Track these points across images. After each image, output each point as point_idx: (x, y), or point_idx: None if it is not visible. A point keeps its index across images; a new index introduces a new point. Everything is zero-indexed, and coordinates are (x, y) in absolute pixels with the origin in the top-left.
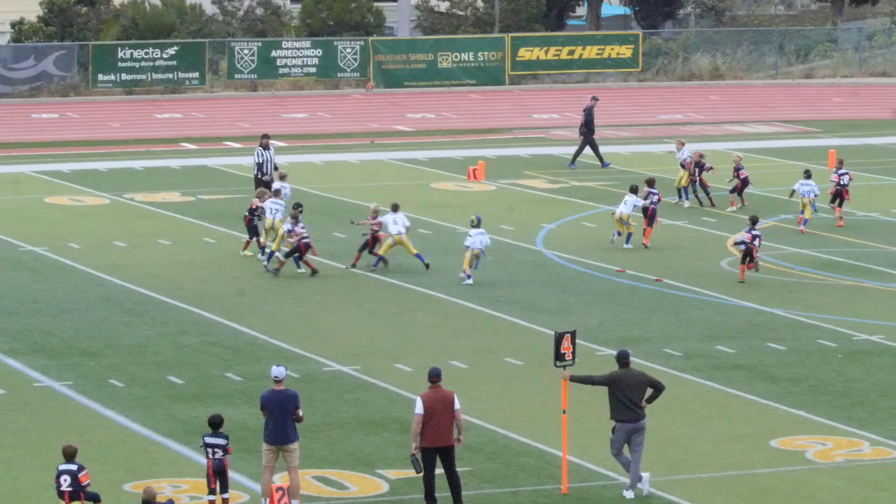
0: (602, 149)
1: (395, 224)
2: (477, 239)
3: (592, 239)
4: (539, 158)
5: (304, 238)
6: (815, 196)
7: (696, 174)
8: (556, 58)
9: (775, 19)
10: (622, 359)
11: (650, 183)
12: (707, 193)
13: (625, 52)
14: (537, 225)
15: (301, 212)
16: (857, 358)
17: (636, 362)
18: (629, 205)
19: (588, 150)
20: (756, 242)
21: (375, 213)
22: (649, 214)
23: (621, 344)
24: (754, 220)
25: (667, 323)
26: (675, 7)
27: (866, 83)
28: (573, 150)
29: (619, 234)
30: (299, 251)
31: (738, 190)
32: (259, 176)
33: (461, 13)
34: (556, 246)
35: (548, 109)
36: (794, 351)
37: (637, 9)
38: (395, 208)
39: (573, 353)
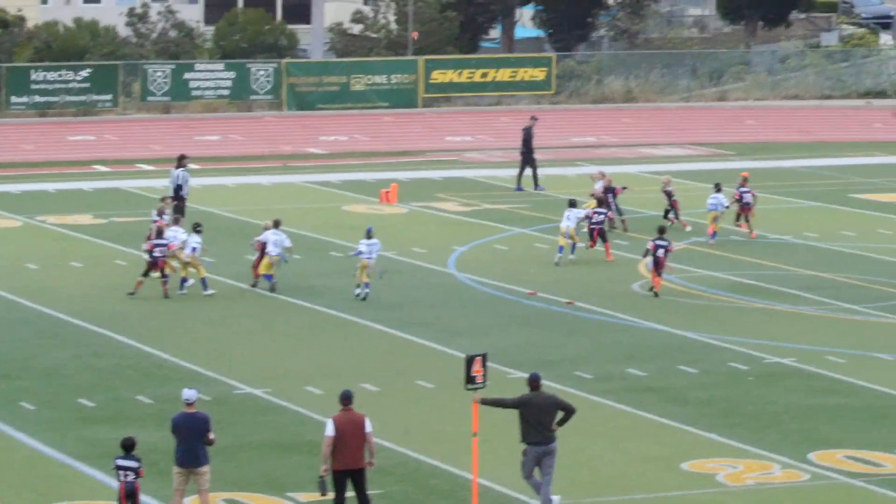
0: (515, 171)
1: (274, 245)
2: (368, 250)
3: (505, 261)
4: (451, 181)
5: (164, 252)
6: (725, 208)
7: (611, 199)
8: (470, 80)
9: (688, 42)
10: (533, 382)
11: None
12: (621, 215)
13: (538, 74)
14: (449, 247)
15: (200, 231)
16: (768, 380)
17: (548, 385)
18: (571, 219)
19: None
20: (660, 252)
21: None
22: (596, 236)
23: (533, 367)
24: (662, 230)
25: (579, 346)
26: (588, 30)
27: (779, 106)
28: (487, 172)
29: (563, 249)
30: (157, 266)
31: (674, 210)
32: (176, 196)
33: (374, 35)
34: (468, 268)
35: (460, 132)
36: (705, 373)
37: (551, 31)
38: (276, 225)
39: (484, 375)
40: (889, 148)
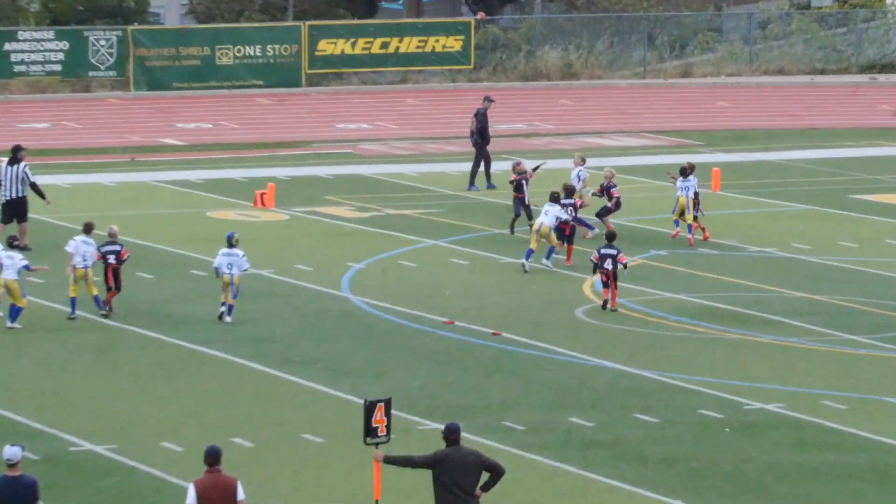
0: (425, 167)
1: (83, 259)
2: (226, 261)
3: (413, 282)
4: (344, 180)
5: None
6: (696, 196)
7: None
8: (367, 52)
9: (643, 3)
10: (451, 434)
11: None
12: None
13: (453, 44)
14: (342, 264)
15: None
16: (748, 432)
17: (468, 439)
18: (551, 216)
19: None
20: (608, 264)
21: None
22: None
23: (450, 415)
24: (610, 237)
25: (507, 388)
26: None
27: (758, 83)
28: (389, 168)
29: (531, 253)
30: None
31: (611, 211)
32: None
33: None
34: (366, 291)
35: (355, 117)
36: (668, 423)
37: None
38: (87, 229)
39: (388, 427)
40: None
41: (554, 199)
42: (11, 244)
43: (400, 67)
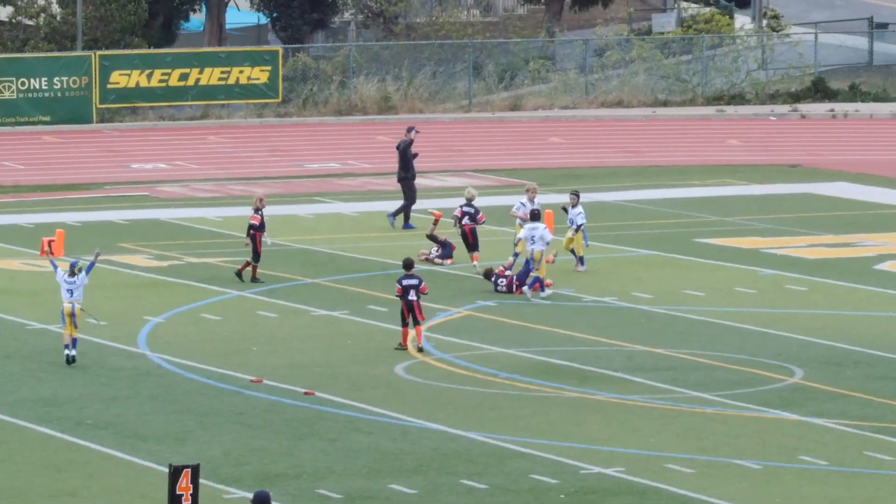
0: (230, 210)
1: None
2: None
3: (216, 337)
4: (140, 225)
5: None
6: (546, 245)
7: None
8: (164, 84)
9: (468, 30)
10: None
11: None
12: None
13: (259, 75)
14: (139, 318)
15: None
16: (585, 499)
17: None
18: (537, 242)
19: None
20: (412, 296)
21: None
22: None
23: (259, 483)
24: (408, 265)
25: (322, 452)
26: (327, 13)
27: (595, 116)
28: (190, 212)
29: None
30: None
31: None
32: None
33: (30, 23)
34: (165, 347)
35: (152, 157)
36: (498, 490)
37: (276, 15)
38: None
39: (194, 496)
40: (747, 173)
41: (535, 216)
42: None
43: (201, 101)
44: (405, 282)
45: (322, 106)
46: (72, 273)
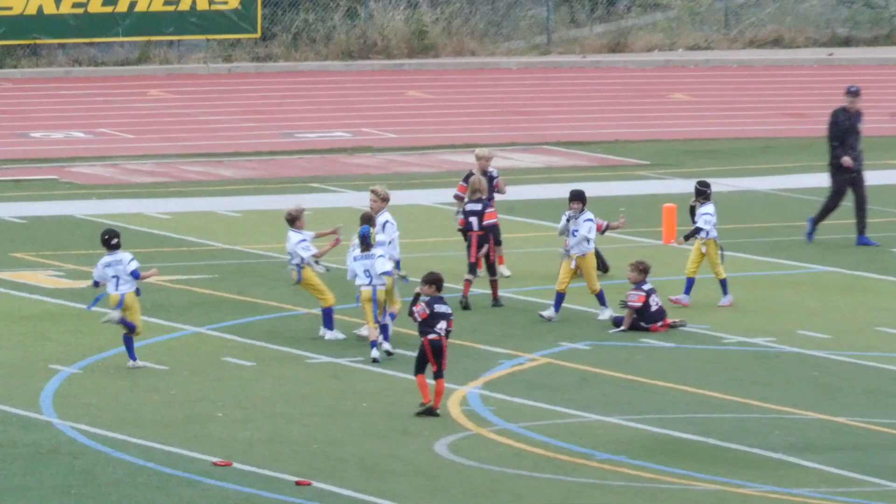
0: (173, 203)
1: None
2: None
3: (160, 395)
4: (45, 225)
5: None
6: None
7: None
8: (80, 11)
9: None
10: None
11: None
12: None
13: None
14: (41, 367)
15: None
16: None
17: None
18: (583, 243)
19: None
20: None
21: None
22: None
23: None
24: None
25: None
26: None
27: (739, 61)
28: (118, 206)
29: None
30: None
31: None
32: None
33: None
34: (81, 412)
35: (62, 121)
36: None
37: None
38: None
39: None
40: None
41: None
42: None
43: (137, 37)
44: (437, 307)
45: (322, 45)
46: None
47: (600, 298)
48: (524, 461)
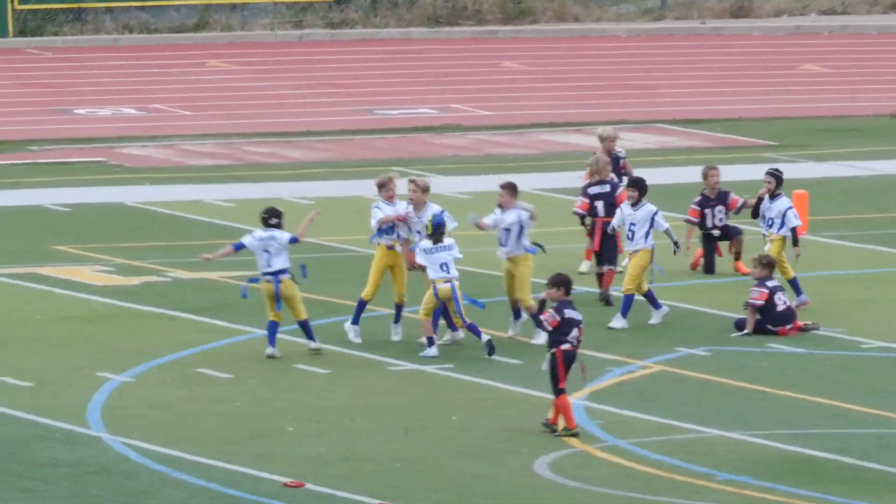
0: (235, 190)
1: None
2: None
3: (222, 408)
4: (91, 214)
5: None
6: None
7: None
8: None
9: None
10: None
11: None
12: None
13: None
14: (88, 375)
15: None
16: None
17: None
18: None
19: None
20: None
21: None
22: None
23: None
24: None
25: None
26: None
27: (880, 27)
28: (171, 192)
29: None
30: None
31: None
32: None
33: None
34: (133, 427)
35: (110, 95)
36: None
37: None
38: None
39: None
40: None
41: (636, 185)
42: None
43: (195, 0)
44: (568, 312)
45: (405, 9)
46: None
47: (626, 302)
48: (635, 482)
